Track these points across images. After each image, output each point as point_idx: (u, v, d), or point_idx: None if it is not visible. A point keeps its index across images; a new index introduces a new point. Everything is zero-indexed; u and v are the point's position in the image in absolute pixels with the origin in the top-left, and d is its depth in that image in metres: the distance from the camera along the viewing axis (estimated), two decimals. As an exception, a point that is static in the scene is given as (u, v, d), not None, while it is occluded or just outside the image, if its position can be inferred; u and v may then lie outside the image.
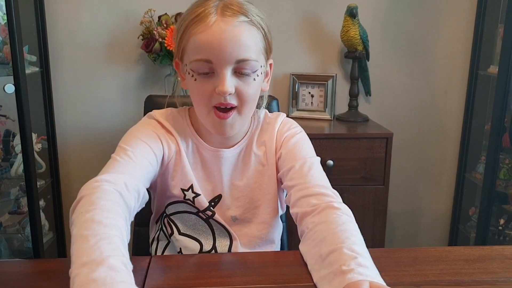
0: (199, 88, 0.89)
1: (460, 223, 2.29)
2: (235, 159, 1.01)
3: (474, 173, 2.17)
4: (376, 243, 1.88)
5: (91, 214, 0.72)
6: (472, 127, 2.18)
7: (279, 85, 2.14)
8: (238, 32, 0.86)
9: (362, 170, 1.84)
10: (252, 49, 0.88)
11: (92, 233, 0.69)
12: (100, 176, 0.81)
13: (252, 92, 0.91)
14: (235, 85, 0.88)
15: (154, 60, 1.98)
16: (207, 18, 0.85)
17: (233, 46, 0.85)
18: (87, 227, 0.70)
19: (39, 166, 1.97)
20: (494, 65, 2.01)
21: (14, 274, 0.81)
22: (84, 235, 0.69)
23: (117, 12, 2.04)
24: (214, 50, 0.85)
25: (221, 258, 0.91)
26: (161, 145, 0.95)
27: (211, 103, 0.89)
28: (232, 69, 0.87)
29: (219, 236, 1.03)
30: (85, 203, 0.76)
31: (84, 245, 0.67)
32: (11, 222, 1.99)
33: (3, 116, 1.93)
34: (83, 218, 0.72)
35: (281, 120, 1.04)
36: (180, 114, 1.02)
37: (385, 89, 2.19)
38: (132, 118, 1.01)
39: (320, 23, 2.12)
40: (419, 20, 2.13)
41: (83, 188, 0.79)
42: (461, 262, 0.83)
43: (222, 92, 0.86)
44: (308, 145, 1.02)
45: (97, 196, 0.76)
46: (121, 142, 0.92)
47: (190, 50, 0.88)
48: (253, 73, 0.89)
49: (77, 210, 0.76)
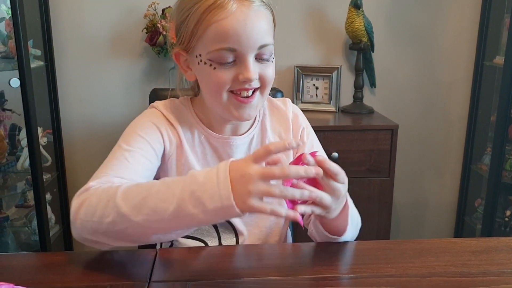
0: (219, 77, 0.86)
1: (466, 215, 2.28)
2: (247, 146, 1.00)
3: (480, 165, 2.16)
4: (381, 235, 1.88)
5: (119, 190, 0.75)
6: (478, 118, 2.17)
7: (283, 77, 2.13)
8: (259, 17, 0.85)
9: (367, 162, 1.84)
10: (270, 33, 0.88)
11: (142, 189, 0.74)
12: (90, 183, 0.80)
13: (272, 75, 0.91)
14: (258, 70, 0.88)
15: (158, 53, 1.98)
16: (227, 5, 0.82)
17: (257, 33, 0.84)
18: (132, 194, 0.74)
19: (44, 160, 1.98)
20: (500, 55, 2.00)
21: (21, 267, 0.82)
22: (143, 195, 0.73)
23: (121, 6, 2.04)
24: (239, 38, 0.83)
25: (228, 250, 0.91)
26: (162, 139, 0.94)
27: (229, 89, 0.88)
28: (254, 55, 0.86)
29: (223, 233, 1.01)
30: (94, 198, 0.76)
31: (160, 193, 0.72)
32: (18, 215, 2.00)
33: (9, 110, 1.93)
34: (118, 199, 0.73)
35: (291, 110, 1.05)
36: (183, 104, 1.01)
37: (390, 80, 2.18)
38: (136, 111, 1.00)
39: (324, 14, 2.11)
40: (424, 10, 2.12)
41: (76, 197, 0.79)
42: (468, 254, 0.83)
43: (249, 79, 0.85)
44: (318, 141, 1.07)
45: (102, 189, 0.77)
46: (120, 139, 0.91)
47: (209, 39, 0.84)
48: (270, 57, 0.90)
49: (88, 209, 0.75)
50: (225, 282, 0.74)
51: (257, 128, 1.02)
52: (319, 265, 0.80)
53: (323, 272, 0.77)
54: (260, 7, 0.85)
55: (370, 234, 1.87)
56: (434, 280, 0.74)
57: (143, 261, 0.81)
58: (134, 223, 0.72)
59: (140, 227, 0.72)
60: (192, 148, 0.97)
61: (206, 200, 0.68)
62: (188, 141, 0.97)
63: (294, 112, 1.06)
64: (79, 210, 0.76)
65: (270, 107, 1.05)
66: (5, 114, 1.93)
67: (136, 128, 0.93)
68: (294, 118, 1.05)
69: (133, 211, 0.72)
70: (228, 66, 0.86)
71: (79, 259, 0.82)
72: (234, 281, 0.74)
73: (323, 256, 0.85)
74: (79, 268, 0.79)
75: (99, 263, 0.81)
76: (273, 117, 1.04)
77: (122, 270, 0.78)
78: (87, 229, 0.76)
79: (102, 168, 0.85)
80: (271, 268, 0.79)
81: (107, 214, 0.73)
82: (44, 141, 1.97)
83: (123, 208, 0.72)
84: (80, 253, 0.84)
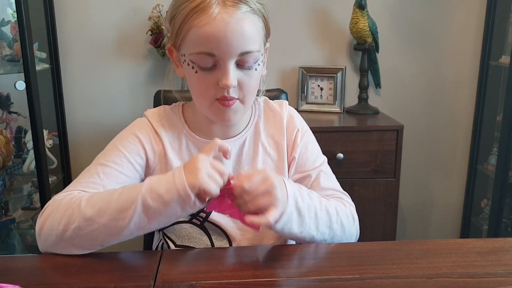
0: (201, 81, 0.88)
1: (472, 215, 2.27)
2: (238, 149, 0.99)
3: (486, 165, 2.15)
4: (387, 236, 1.88)
5: (83, 198, 0.81)
6: (484, 118, 2.16)
7: (288, 78, 2.13)
8: (242, 24, 0.83)
9: (373, 162, 1.83)
10: (255, 40, 0.86)
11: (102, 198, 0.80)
12: (55, 196, 0.86)
13: (254, 84, 0.91)
14: (238, 77, 0.87)
15: (163, 55, 1.98)
16: (209, 9, 0.82)
17: (238, 39, 0.83)
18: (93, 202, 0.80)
19: (50, 162, 1.99)
20: (505, 55, 1.99)
21: (27, 269, 0.82)
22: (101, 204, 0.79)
23: (125, 8, 2.04)
24: (218, 44, 0.82)
25: (233, 251, 0.91)
26: (144, 151, 0.95)
27: (213, 96, 0.88)
28: (235, 62, 0.86)
29: (216, 240, 0.99)
30: (58, 209, 0.82)
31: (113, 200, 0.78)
32: (24, 217, 2.01)
33: (15, 113, 1.94)
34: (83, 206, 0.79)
35: (287, 112, 1.04)
36: (173, 111, 1.01)
37: (395, 81, 2.18)
38: (141, 113, 1.01)
39: (328, 15, 2.10)
40: (429, 10, 2.11)
41: (42, 211, 0.84)
42: (474, 255, 0.83)
43: (226, 86, 0.85)
44: (316, 144, 1.05)
45: (66, 200, 0.83)
46: (101, 153, 0.95)
47: (191, 42, 0.85)
48: (255, 64, 0.88)
49: (53, 219, 0.81)
50: (230, 283, 0.74)
51: (250, 131, 1.01)
52: (324, 266, 0.80)
53: (328, 273, 0.77)
54: (246, 13, 0.84)
55: (376, 235, 1.87)
56: (440, 281, 0.74)
57: (148, 262, 0.81)
58: (100, 225, 0.78)
59: (105, 229, 0.78)
60: (179, 155, 0.97)
61: (164, 194, 0.75)
62: (175, 148, 0.97)
63: (289, 114, 1.04)
64: (45, 222, 0.82)
65: (266, 109, 1.04)
66: (11, 117, 1.94)
67: (117, 141, 0.96)
68: (289, 120, 1.03)
69: (98, 214, 0.78)
70: (209, 71, 0.86)
71: (84, 260, 0.82)
72: (239, 282, 0.74)
73: (328, 257, 0.85)
74: (84, 269, 0.79)
75: (105, 265, 0.81)
76: (268, 120, 1.03)
77: (127, 272, 0.78)
78: (52, 239, 0.81)
79: (75, 182, 0.90)
80: (275, 269, 0.78)
81: (73, 220, 0.79)
82: (50, 143, 1.98)
83: (88, 213, 0.78)
84: (85, 255, 0.84)
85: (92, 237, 0.79)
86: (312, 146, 1.04)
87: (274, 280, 0.75)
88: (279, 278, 0.75)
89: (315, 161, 1.02)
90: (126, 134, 0.97)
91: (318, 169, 1.00)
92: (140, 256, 0.86)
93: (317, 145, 1.05)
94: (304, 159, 1.01)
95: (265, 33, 0.90)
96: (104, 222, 0.78)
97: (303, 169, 1.00)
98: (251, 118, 1.02)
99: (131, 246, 1.10)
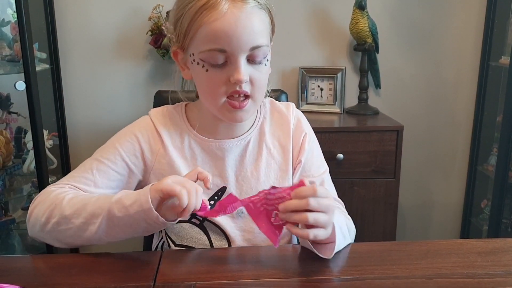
0: (212, 79, 0.87)
1: (472, 216, 2.27)
2: (242, 149, 0.99)
3: (486, 165, 2.15)
4: (387, 236, 1.88)
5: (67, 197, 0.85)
6: (484, 118, 2.16)
7: (288, 78, 2.13)
8: (252, 18, 0.84)
9: (373, 163, 1.83)
10: (264, 35, 0.87)
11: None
12: (49, 187, 0.91)
13: (264, 78, 0.91)
14: (249, 73, 0.87)
15: (163, 56, 1.98)
16: (219, 5, 0.82)
17: (248, 34, 0.84)
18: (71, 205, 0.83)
19: (50, 163, 1.99)
20: (505, 55, 1.99)
21: (27, 269, 0.82)
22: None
23: (125, 8, 2.04)
24: (229, 39, 0.83)
25: (233, 252, 0.91)
26: (140, 152, 0.96)
27: (224, 93, 0.88)
28: (246, 57, 0.86)
29: (215, 240, 0.98)
30: (45, 201, 0.87)
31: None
32: (24, 218, 2.00)
33: (15, 113, 1.94)
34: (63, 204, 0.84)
35: (294, 115, 1.04)
36: (176, 110, 1.01)
37: (395, 81, 2.18)
38: (141, 114, 1.01)
39: (328, 15, 2.10)
40: (428, 11, 2.11)
41: (36, 197, 0.90)
42: (474, 255, 0.83)
43: (239, 81, 0.85)
44: (320, 150, 1.06)
45: (54, 193, 0.87)
46: (100, 148, 0.98)
47: (201, 40, 0.85)
48: (264, 59, 0.89)
49: (40, 209, 0.86)
50: (230, 283, 0.74)
51: (254, 131, 1.01)
52: (324, 266, 0.80)
53: (328, 274, 0.77)
54: (254, 8, 0.85)
55: (376, 236, 1.87)
56: (440, 281, 0.74)
57: (148, 263, 0.81)
58: (74, 225, 0.82)
59: (78, 229, 0.82)
60: (182, 154, 0.97)
61: (128, 205, 0.78)
62: (177, 147, 0.97)
63: (297, 117, 1.04)
64: (33, 210, 0.88)
65: (271, 110, 1.04)
66: (11, 117, 1.94)
67: (116, 139, 0.98)
68: (297, 124, 1.03)
69: (74, 214, 0.82)
70: (220, 68, 0.86)
71: (85, 261, 0.83)
72: (238, 283, 0.74)
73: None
74: (84, 270, 0.79)
75: (105, 265, 0.81)
76: (274, 122, 1.03)
77: (127, 272, 0.78)
78: (37, 228, 0.86)
79: (69, 175, 0.94)
80: (275, 270, 0.79)
81: (54, 215, 0.84)
82: (50, 144, 1.98)
83: (66, 212, 0.83)
84: (86, 255, 0.84)
85: (67, 235, 0.84)
86: (317, 152, 1.05)
87: (274, 280, 0.75)
88: (279, 278, 0.75)
89: (319, 168, 1.03)
90: (126, 132, 0.99)
91: (321, 176, 1.02)
92: (140, 256, 0.86)
93: (321, 152, 1.06)
94: (310, 164, 1.01)
95: (271, 29, 0.91)
96: (78, 224, 0.82)
97: (308, 174, 1.01)
98: (257, 118, 1.02)
99: (131, 246, 1.11)
